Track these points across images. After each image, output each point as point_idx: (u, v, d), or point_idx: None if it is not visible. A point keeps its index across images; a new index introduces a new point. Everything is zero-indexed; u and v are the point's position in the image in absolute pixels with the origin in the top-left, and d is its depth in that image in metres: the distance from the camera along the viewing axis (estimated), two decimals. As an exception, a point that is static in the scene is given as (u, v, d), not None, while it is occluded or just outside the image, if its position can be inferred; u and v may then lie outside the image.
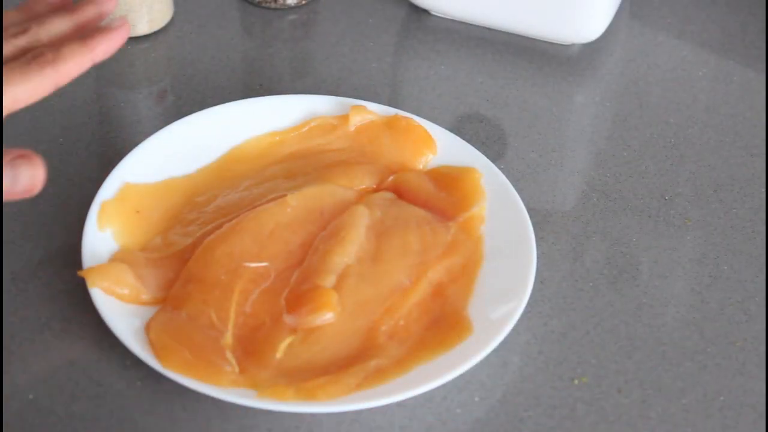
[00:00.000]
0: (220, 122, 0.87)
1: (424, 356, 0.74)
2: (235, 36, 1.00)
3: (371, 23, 1.02)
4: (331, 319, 0.76)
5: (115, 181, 0.82)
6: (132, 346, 0.73)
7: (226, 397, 0.71)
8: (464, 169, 0.85)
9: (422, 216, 0.82)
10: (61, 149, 0.88)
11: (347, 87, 0.95)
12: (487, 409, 0.74)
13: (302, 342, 0.75)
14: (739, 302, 0.81)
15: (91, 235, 0.78)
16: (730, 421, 0.74)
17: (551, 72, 0.98)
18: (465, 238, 0.81)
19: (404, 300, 0.77)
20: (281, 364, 0.74)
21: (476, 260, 0.80)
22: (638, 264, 0.83)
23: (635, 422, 0.74)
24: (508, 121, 0.94)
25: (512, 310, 0.75)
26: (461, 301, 0.77)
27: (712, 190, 0.89)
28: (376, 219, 0.81)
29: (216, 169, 0.85)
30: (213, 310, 0.76)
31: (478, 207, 0.82)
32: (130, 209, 0.81)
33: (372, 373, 0.73)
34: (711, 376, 0.77)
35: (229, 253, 0.78)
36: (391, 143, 0.87)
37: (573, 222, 0.86)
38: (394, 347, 0.75)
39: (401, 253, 0.80)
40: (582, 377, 0.76)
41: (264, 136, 0.87)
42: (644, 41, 1.02)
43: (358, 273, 0.78)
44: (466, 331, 0.75)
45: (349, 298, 0.77)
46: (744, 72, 0.99)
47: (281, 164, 0.86)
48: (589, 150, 0.93)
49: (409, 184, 0.84)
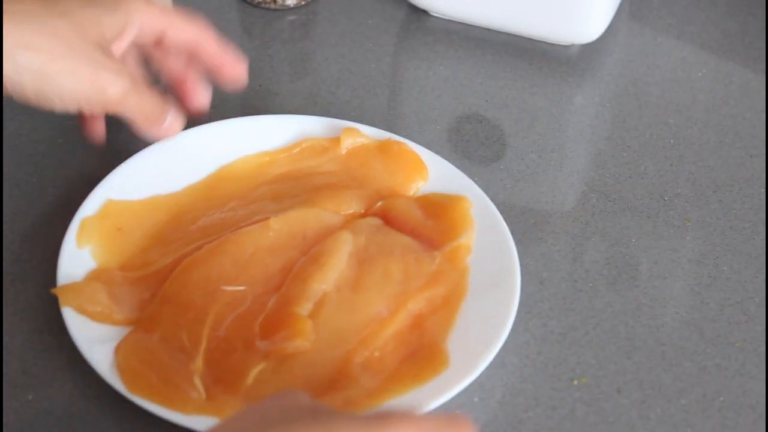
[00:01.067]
0: (209, 140, 0.86)
1: (397, 389, 0.72)
2: (234, 37, 1.00)
3: (370, 24, 1.02)
4: (304, 347, 0.74)
5: (98, 197, 0.81)
6: (99, 369, 0.71)
7: (186, 423, 0.69)
8: (454, 197, 0.83)
9: (407, 244, 0.80)
10: (60, 150, 0.88)
11: (346, 88, 0.95)
12: (487, 409, 0.74)
13: (274, 370, 0.73)
14: (739, 303, 0.81)
15: (68, 252, 0.77)
16: (730, 421, 0.74)
17: (551, 73, 0.98)
18: (450, 268, 0.79)
19: (381, 331, 0.75)
20: (251, 392, 0.72)
21: (459, 292, 0.78)
22: (638, 264, 0.83)
23: (635, 423, 0.74)
24: (507, 121, 0.94)
25: (489, 347, 0.73)
26: (440, 333, 0.75)
27: (711, 191, 0.89)
28: (360, 246, 0.80)
29: (203, 188, 0.84)
30: (185, 333, 0.74)
31: (465, 237, 0.81)
32: (112, 227, 0.80)
33: (339, 405, 0.71)
34: (710, 376, 0.77)
35: (207, 275, 0.77)
36: (382, 168, 0.85)
37: (572, 222, 0.86)
38: (366, 379, 0.73)
39: (382, 282, 0.78)
40: (581, 378, 0.76)
41: (254, 156, 0.86)
42: (644, 42, 1.02)
43: (337, 301, 0.76)
44: (442, 365, 0.73)
45: (324, 327, 0.75)
46: (743, 73, 0.99)
47: (270, 185, 0.84)
48: (588, 150, 0.93)
49: (396, 211, 0.83)
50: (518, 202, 0.87)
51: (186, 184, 0.84)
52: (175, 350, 0.74)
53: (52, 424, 0.73)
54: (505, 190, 0.88)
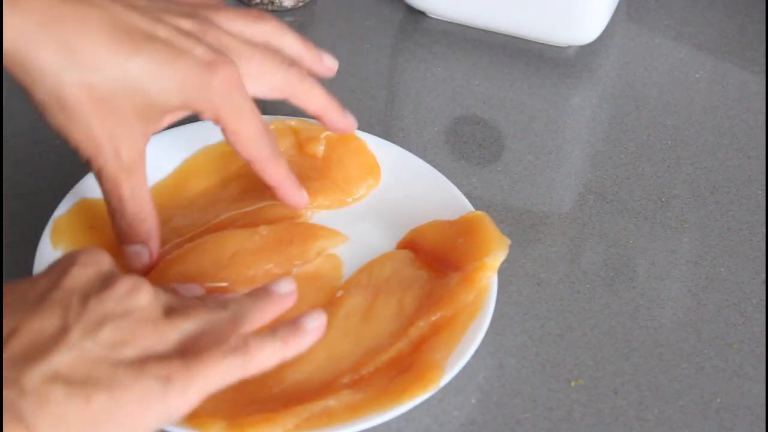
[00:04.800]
0: (174, 139, 0.85)
1: (381, 404, 0.70)
2: (231, 38, 1.00)
3: (368, 25, 1.02)
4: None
5: (74, 197, 0.80)
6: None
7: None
8: (478, 214, 0.80)
9: (428, 279, 0.78)
10: (59, 150, 0.88)
11: (343, 89, 0.95)
12: (484, 411, 0.74)
13: (258, 379, 0.70)
14: (736, 304, 0.81)
15: (44, 253, 0.76)
16: (727, 422, 0.74)
17: (548, 74, 0.98)
18: (463, 288, 0.76)
19: (376, 358, 0.73)
20: (225, 395, 0.68)
21: (471, 311, 0.75)
22: (635, 266, 0.83)
23: (632, 424, 0.74)
24: (504, 123, 0.94)
25: (460, 356, 0.72)
26: (440, 352, 0.72)
27: (709, 192, 0.89)
28: (383, 277, 0.78)
29: (170, 186, 0.83)
30: None
31: (492, 257, 0.77)
32: (83, 225, 0.79)
33: (316, 414, 0.69)
34: (708, 378, 0.77)
35: (184, 273, 0.76)
36: (338, 161, 0.85)
37: (570, 224, 0.86)
38: (350, 393, 0.70)
39: (395, 315, 0.76)
40: (579, 379, 0.76)
41: (216, 145, 0.85)
42: (641, 43, 1.02)
43: (342, 328, 0.75)
44: (433, 383, 0.70)
45: (322, 352, 0.73)
46: (741, 74, 0.99)
47: (235, 180, 0.84)
48: (585, 152, 0.93)
49: (424, 238, 0.81)
50: (516, 203, 0.87)
51: (154, 182, 0.83)
52: None
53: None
54: (503, 191, 0.88)
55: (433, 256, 0.80)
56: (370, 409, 0.69)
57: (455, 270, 0.77)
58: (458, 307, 0.75)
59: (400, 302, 0.77)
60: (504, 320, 0.79)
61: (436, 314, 0.75)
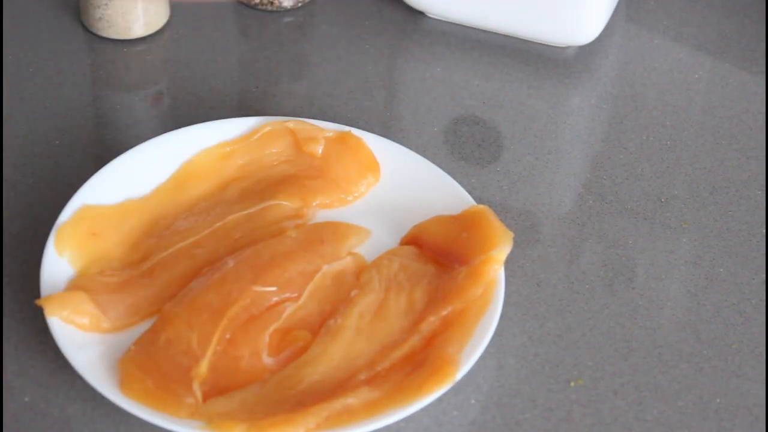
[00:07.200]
0: (174, 142, 0.85)
1: (399, 400, 0.71)
2: (231, 38, 1.00)
3: (367, 25, 1.02)
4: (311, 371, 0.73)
5: (76, 203, 0.80)
6: (87, 377, 0.71)
7: (172, 427, 0.69)
8: (481, 208, 0.81)
9: (436, 273, 0.79)
10: (57, 151, 0.88)
11: (343, 89, 0.95)
12: (484, 411, 0.74)
13: (276, 381, 0.73)
14: (736, 304, 0.81)
15: (50, 261, 0.77)
16: (727, 423, 0.74)
17: (547, 74, 0.98)
18: (472, 282, 0.77)
19: (391, 354, 0.74)
20: (247, 399, 0.71)
21: (481, 305, 0.76)
22: (634, 266, 0.83)
23: (631, 424, 0.74)
24: (503, 123, 0.94)
25: (472, 350, 0.73)
26: (453, 346, 0.74)
27: (708, 193, 0.89)
28: (392, 272, 0.79)
29: (171, 189, 0.84)
30: (195, 334, 0.74)
31: (498, 250, 0.78)
32: (86, 231, 0.79)
33: (337, 412, 0.70)
34: (707, 378, 0.77)
35: (224, 278, 0.77)
36: (337, 159, 0.85)
37: (569, 224, 0.86)
38: (367, 390, 0.72)
39: (405, 311, 0.77)
40: (578, 379, 0.76)
41: (214, 147, 0.85)
42: (640, 44, 1.02)
43: (357, 328, 0.76)
44: (449, 377, 0.72)
45: (338, 353, 0.74)
46: (740, 74, 0.99)
47: (235, 182, 0.84)
48: (585, 152, 0.93)
49: (428, 233, 0.81)
50: (515, 204, 0.87)
51: (154, 186, 0.83)
52: (179, 353, 0.73)
53: (48, 426, 0.73)
54: (502, 191, 0.88)
55: (437, 251, 0.80)
56: (388, 405, 0.71)
57: (461, 264, 0.78)
58: (467, 300, 0.76)
59: (410, 297, 0.78)
60: (503, 321, 0.79)
61: (446, 309, 0.76)
